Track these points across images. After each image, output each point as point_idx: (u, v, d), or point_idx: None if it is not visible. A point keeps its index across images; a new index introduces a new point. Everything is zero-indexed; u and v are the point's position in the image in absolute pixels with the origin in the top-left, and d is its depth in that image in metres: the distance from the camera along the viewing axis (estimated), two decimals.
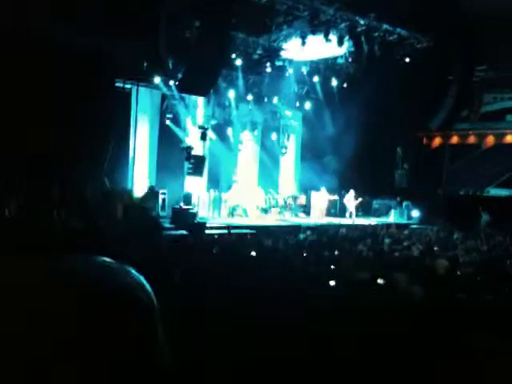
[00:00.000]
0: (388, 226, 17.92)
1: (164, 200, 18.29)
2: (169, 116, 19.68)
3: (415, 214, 21.82)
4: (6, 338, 0.66)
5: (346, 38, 18.27)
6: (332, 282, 6.60)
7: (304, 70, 21.39)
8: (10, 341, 0.66)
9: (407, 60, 19.94)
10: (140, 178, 18.87)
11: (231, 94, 20.74)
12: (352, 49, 19.42)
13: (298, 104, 23.16)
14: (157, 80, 18.37)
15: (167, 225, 15.51)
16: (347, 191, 20.98)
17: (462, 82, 20.87)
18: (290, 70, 21.16)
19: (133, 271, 0.79)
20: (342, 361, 3.65)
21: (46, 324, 0.67)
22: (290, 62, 20.81)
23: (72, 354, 0.67)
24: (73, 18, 14.33)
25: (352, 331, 4.17)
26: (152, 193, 18.04)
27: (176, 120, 19.95)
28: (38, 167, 13.95)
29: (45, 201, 13.21)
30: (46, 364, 0.66)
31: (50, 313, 0.68)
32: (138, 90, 18.66)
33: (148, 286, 0.79)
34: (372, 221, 20.24)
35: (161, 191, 18.43)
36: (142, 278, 0.79)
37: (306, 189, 22.46)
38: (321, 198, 20.61)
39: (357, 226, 17.89)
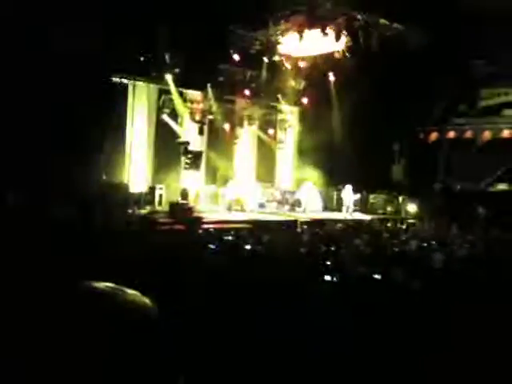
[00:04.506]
0: (385, 220, 17.98)
1: (161, 195, 18.30)
2: (166, 111, 19.65)
3: (412, 208, 21.85)
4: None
5: (344, 33, 18.24)
6: (328, 277, 6.63)
7: (301, 64, 21.35)
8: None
9: (405, 55, 19.90)
10: (137, 173, 18.86)
11: (228, 88, 20.70)
12: (349, 44, 19.38)
13: (295, 99, 23.14)
14: (154, 74, 18.33)
15: (164, 219, 15.50)
16: (344, 186, 21.01)
17: (460, 77, 20.85)
18: (288, 65, 21.13)
19: (132, 293, 0.81)
20: (338, 354, 3.67)
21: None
22: (288, 56, 20.78)
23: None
24: (72, 12, 14.28)
25: (349, 325, 4.19)
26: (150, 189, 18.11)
27: (173, 115, 19.93)
28: (37, 161, 13.93)
29: (44, 194, 13.20)
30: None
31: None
32: (134, 85, 18.62)
33: (151, 306, 0.80)
34: (369, 216, 20.27)
35: (158, 186, 18.44)
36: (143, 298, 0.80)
37: (303, 184, 22.46)
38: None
39: (354, 220, 17.93)
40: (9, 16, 13.74)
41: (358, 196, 21.06)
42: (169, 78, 18.63)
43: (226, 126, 21.80)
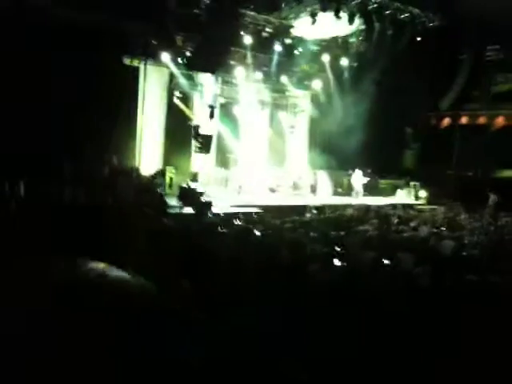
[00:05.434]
0: (395, 206, 17.90)
1: (172, 178, 18.34)
2: (177, 94, 19.61)
3: (423, 194, 21.76)
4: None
5: (357, 15, 18.02)
6: (337, 262, 6.63)
7: (314, 48, 21.18)
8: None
9: (418, 39, 19.67)
10: (148, 156, 18.90)
11: (240, 72, 20.59)
12: (363, 27, 19.17)
13: (307, 83, 22.99)
14: (165, 57, 18.27)
15: (174, 203, 15.55)
16: (354, 171, 20.95)
17: (474, 61, 20.60)
18: (300, 49, 20.96)
19: (132, 278, 0.80)
20: (345, 339, 3.68)
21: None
22: (300, 40, 20.60)
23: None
24: None
25: (357, 310, 4.20)
26: (160, 172, 18.13)
27: (184, 98, 19.88)
28: (49, 145, 14.00)
29: (56, 177, 13.28)
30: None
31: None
32: (146, 68, 18.57)
33: (151, 287, 0.79)
34: (379, 201, 20.20)
35: (168, 169, 18.47)
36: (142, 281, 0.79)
37: (313, 168, 22.40)
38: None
39: (363, 205, 17.87)
40: None
41: (368, 181, 20.98)
42: (180, 60, 18.56)
43: (237, 110, 21.72)
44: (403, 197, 22.08)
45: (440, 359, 3.45)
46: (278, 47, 20.32)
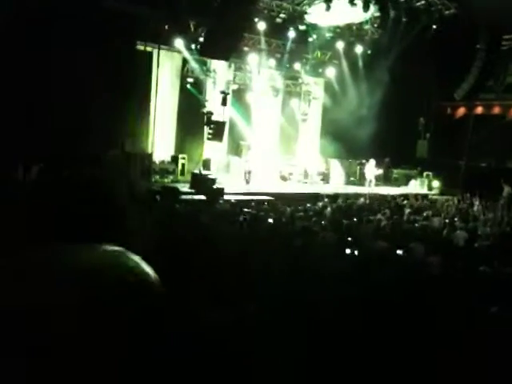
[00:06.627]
0: (408, 196, 17.79)
1: (184, 165, 18.34)
2: (190, 80, 19.56)
3: (436, 184, 21.60)
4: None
5: (372, 2, 17.81)
6: (348, 250, 6.61)
7: (328, 35, 20.99)
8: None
9: (434, 27, 19.42)
10: (160, 142, 18.90)
11: (253, 58, 20.48)
12: (378, 14, 18.95)
13: (320, 70, 22.83)
14: (178, 43, 18.20)
15: (186, 189, 15.55)
16: (367, 160, 20.81)
17: (489, 50, 20.30)
18: (314, 35, 20.79)
19: (133, 256, 0.78)
20: (354, 328, 3.66)
21: (50, 318, 0.66)
22: (314, 26, 20.43)
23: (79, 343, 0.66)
24: None
25: (368, 299, 4.17)
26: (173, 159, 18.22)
27: (197, 84, 19.83)
28: (60, 128, 14.02)
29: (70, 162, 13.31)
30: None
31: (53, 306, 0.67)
32: (159, 53, 18.51)
33: (151, 270, 0.78)
34: (392, 190, 20.09)
35: (180, 156, 18.47)
36: (142, 262, 0.78)
37: (325, 156, 22.30)
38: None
39: (376, 195, 17.78)
40: None
41: (381, 170, 20.85)
42: (193, 46, 18.50)
43: (250, 97, 21.64)
44: (416, 187, 21.95)
45: (443, 351, 3.42)
46: (291, 34, 20.17)
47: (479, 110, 24.08)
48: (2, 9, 13.35)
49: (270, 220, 9.05)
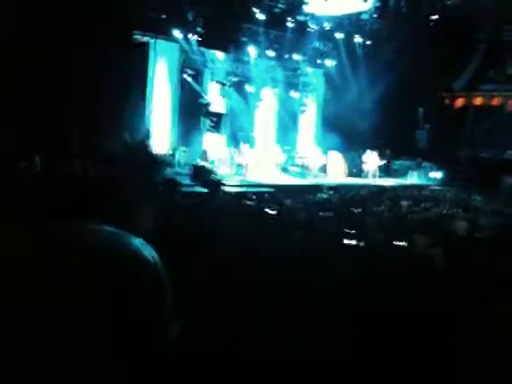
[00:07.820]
0: (408, 187, 17.78)
1: (183, 157, 18.29)
2: (188, 71, 19.45)
3: (435, 175, 21.58)
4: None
5: None
6: (349, 242, 6.58)
7: (327, 25, 20.86)
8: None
9: (434, 17, 19.33)
10: (159, 134, 18.83)
11: (252, 49, 20.37)
12: (377, 4, 18.85)
13: (319, 61, 22.72)
14: (176, 33, 18.07)
15: (187, 181, 15.51)
16: (368, 151, 20.77)
17: (490, 41, 20.24)
18: (313, 26, 20.67)
19: (133, 237, 0.83)
20: (360, 321, 3.63)
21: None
22: (313, 17, 20.29)
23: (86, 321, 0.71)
24: None
25: (371, 292, 4.14)
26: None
27: (195, 75, 19.72)
28: (59, 118, 13.94)
29: (66, 152, 13.25)
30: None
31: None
32: (156, 44, 18.37)
33: (152, 250, 0.82)
34: (392, 182, 20.07)
35: (180, 148, 18.41)
36: (144, 243, 0.82)
37: (325, 148, 22.24)
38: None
39: (377, 186, 17.76)
40: None
41: (381, 162, 20.81)
42: (191, 36, 18.38)
43: (248, 88, 21.53)
44: (416, 178, 21.92)
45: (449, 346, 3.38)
46: (290, 24, 20.05)
47: (479, 100, 24.03)
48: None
49: (272, 212, 9.01)
